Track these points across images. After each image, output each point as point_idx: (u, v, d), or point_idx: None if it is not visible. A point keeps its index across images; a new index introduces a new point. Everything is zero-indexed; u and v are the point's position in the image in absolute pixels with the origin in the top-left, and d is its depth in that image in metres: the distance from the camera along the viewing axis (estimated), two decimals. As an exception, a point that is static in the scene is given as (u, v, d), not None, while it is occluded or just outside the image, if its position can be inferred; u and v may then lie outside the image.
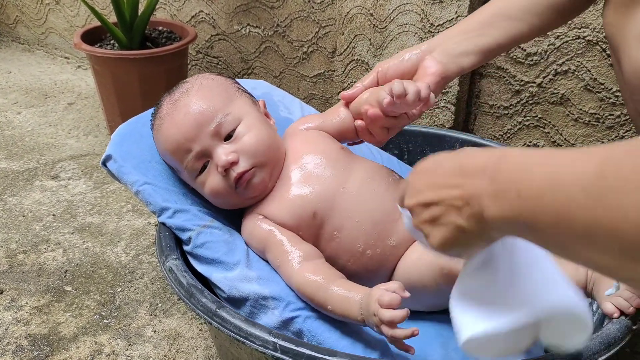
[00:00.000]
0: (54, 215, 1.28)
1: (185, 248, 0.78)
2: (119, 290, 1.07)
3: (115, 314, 1.02)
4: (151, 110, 0.92)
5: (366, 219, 0.75)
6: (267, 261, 0.77)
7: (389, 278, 0.77)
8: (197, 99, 0.77)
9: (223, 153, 0.75)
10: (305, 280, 0.70)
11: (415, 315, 0.77)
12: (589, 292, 0.70)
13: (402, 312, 0.59)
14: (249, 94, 0.84)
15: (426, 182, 0.50)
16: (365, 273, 0.76)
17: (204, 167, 0.77)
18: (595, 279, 0.69)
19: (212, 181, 0.77)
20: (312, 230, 0.75)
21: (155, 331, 0.99)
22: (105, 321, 1.00)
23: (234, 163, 0.75)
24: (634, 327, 0.64)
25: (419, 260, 0.73)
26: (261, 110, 0.83)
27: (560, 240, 0.36)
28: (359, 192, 0.76)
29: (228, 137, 0.76)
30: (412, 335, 0.59)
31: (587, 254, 0.35)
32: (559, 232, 0.36)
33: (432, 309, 0.76)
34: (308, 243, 0.75)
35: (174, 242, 0.79)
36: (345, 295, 0.66)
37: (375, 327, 0.62)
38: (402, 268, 0.76)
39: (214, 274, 0.74)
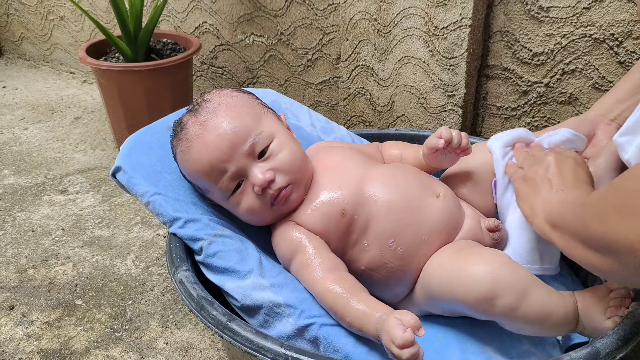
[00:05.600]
0: (63, 229, 1.28)
1: (197, 258, 0.78)
2: (130, 302, 1.07)
3: (127, 327, 1.01)
4: (161, 120, 0.92)
5: (394, 205, 0.75)
6: (287, 269, 0.77)
7: (414, 283, 0.77)
8: (227, 119, 0.76)
9: (260, 172, 0.75)
10: (327, 290, 0.69)
11: (434, 318, 0.76)
12: (582, 327, 0.69)
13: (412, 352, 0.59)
14: (271, 109, 0.84)
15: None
16: (395, 271, 0.75)
17: (237, 187, 0.77)
18: (586, 312, 0.68)
19: (247, 200, 0.77)
20: (341, 230, 0.75)
21: (167, 343, 0.98)
22: (116, 334, 1.00)
23: (271, 181, 0.75)
24: None
25: (439, 267, 0.72)
26: (285, 125, 0.83)
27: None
28: (384, 181, 0.78)
29: (261, 154, 0.76)
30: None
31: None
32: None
33: (450, 315, 0.75)
34: (334, 254, 0.75)
35: (185, 253, 0.78)
36: (364, 311, 0.66)
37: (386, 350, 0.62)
38: (423, 275, 0.75)
39: (227, 283, 0.73)
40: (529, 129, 1.25)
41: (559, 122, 1.20)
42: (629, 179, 0.51)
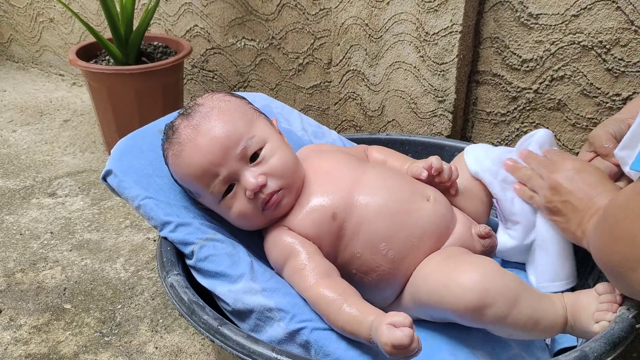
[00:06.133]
0: (51, 232, 1.27)
1: (188, 262, 0.77)
2: (119, 307, 1.06)
3: (116, 331, 1.01)
4: (152, 124, 0.92)
5: (385, 209, 0.76)
6: (279, 274, 0.77)
7: (403, 286, 0.77)
8: (220, 123, 0.76)
9: (252, 176, 0.75)
10: (320, 295, 0.69)
11: (423, 321, 0.76)
12: (571, 329, 0.70)
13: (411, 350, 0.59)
14: (263, 113, 0.84)
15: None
16: (386, 274, 0.75)
17: (228, 191, 0.77)
18: (574, 315, 0.69)
19: (239, 204, 0.77)
20: (333, 234, 0.76)
21: (157, 347, 0.97)
22: (105, 339, 0.99)
23: (263, 186, 0.75)
24: (637, 326, 0.63)
25: (428, 276, 0.72)
26: (277, 130, 0.83)
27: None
28: (374, 185, 0.78)
29: (253, 159, 0.76)
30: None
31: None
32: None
33: (439, 321, 0.75)
34: (327, 260, 0.75)
35: (176, 257, 0.78)
36: (356, 315, 0.66)
37: (383, 352, 0.62)
38: (412, 283, 0.76)
39: (218, 287, 0.73)
40: (517, 135, 1.26)
41: (547, 127, 1.22)
42: (615, 206, 0.56)
